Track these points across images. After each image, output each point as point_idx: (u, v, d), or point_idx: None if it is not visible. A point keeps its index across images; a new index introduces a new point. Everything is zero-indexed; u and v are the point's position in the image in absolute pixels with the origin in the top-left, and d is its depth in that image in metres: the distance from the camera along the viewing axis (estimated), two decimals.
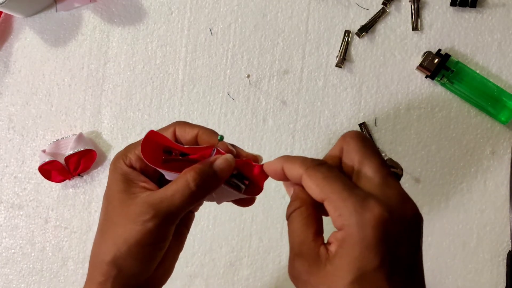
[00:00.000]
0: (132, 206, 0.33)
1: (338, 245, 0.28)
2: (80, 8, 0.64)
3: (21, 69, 0.64)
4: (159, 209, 0.33)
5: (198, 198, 0.34)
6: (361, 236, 0.27)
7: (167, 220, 0.33)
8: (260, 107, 0.61)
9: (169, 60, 0.63)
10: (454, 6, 0.59)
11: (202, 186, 0.33)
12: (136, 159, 0.35)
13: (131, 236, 0.33)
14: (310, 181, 0.30)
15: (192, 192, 0.33)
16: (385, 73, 0.60)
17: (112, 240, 0.34)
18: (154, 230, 0.33)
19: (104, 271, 0.34)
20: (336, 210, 0.28)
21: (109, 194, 0.35)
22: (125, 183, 0.34)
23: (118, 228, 0.34)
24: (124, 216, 0.33)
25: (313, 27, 0.61)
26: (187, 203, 0.33)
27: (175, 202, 0.33)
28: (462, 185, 0.59)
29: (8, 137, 0.64)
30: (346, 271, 0.27)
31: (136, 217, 0.33)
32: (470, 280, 0.58)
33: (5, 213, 0.64)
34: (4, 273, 0.64)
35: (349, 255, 0.27)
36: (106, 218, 0.35)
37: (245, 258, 0.61)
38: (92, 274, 0.35)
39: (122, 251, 0.33)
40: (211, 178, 0.34)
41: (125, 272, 0.34)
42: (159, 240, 0.34)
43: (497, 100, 0.58)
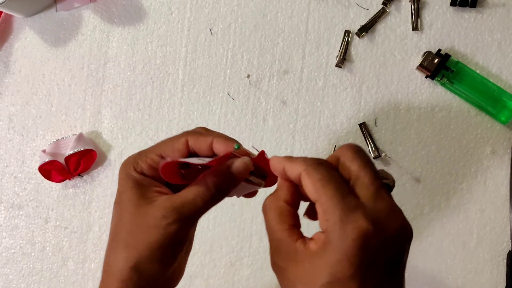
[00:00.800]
0: (151, 211, 0.34)
1: (319, 247, 0.29)
2: (80, 8, 0.64)
3: (21, 69, 0.64)
4: (182, 213, 0.33)
5: (218, 200, 0.35)
6: (340, 245, 0.28)
7: (189, 222, 0.34)
8: (260, 107, 0.61)
9: (169, 60, 0.63)
10: (454, 6, 0.59)
11: (222, 189, 0.34)
12: (147, 167, 0.36)
13: (154, 240, 0.33)
14: (307, 180, 0.31)
15: (213, 195, 0.34)
16: (385, 73, 0.60)
17: (132, 246, 0.34)
18: (176, 233, 0.33)
19: (123, 277, 0.34)
20: (324, 214, 0.29)
21: (122, 201, 0.36)
22: (138, 189, 0.35)
23: (138, 233, 0.34)
24: (143, 221, 0.34)
25: (313, 27, 0.61)
26: (208, 205, 0.34)
27: (197, 206, 0.34)
28: (462, 185, 0.59)
29: (8, 137, 0.64)
30: (322, 273, 0.28)
31: (158, 221, 0.33)
32: (470, 280, 0.58)
33: (5, 213, 0.64)
34: (4, 273, 0.64)
35: (326, 258, 0.28)
36: (120, 225, 0.35)
37: (245, 258, 0.61)
38: (107, 282, 0.35)
39: (145, 255, 0.33)
40: (229, 181, 0.35)
41: (146, 275, 0.34)
42: (180, 243, 0.34)
43: (497, 100, 0.58)
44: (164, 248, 0.33)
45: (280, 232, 0.31)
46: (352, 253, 0.28)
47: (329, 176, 0.30)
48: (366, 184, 0.30)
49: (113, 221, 0.36)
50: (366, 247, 0.28)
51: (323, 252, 0.29)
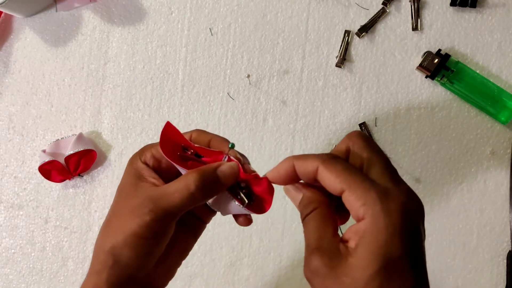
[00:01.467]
0: (134, 198, 0.34)
1: (360, 237, 0.29)
2: (80, 8, 0.64)
3: (21, 69, 0.64)
4: (158, 204, 0.33)
5: (197, 200, 0.34)
6: (387, 223, 0.28)
7: (165, 216, 0.33)
8: (260, 107, 0.61)
9: (169, 60, 0.63)
10: (454, 6, 0.59)
11: (202, 189, 0.34)
12: (150, 156, 0.36)
13: (129, 226, 0.33)
14: (329, 173, 0.30)
15: (191, 193, 0.33)
16: (385, 73, 0.60)
17: (113, 229, 0.35)
18: (151, 224, 0.33)
19: (101, 259, 0.35)
20: (358, 200, 0.29)
21: (120, 187, 0.37)
22: (136, 177, 0.36)
23: (120, 218, 0.35)
24: (127, 207, 0.35)
25: (313, 27, 0.61)
26: (186, 203, 0.34)
27: (174, 201, 0.33)
28: (462, 185, 0.59)
29: (8, 137, 0.64)
30: (371, 260, 0.27)
31: (136, 209, 0.34)
32: (470, 280, 0.58)
33: (5, 213, 0.64)
34: (4, 273, 0.64)
35: (373, 243, 0.28)
36: (112, 209, 0.37)
37: (245, 258, 0.61)
38: (92, 262, 0.36)
39: (119, 240, 0.34)
40: (212, 183, 0.34)
41: (121, 262, 0.34)
42: (155, 235, 0.34)
43: (497, 100, 0.58)
44: (138, 236, 0.33)
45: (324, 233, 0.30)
46: (400, 229, 0.28)
47: (350, 166, 0.30)
48: (382, 169, 0.30)
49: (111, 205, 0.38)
50: (411, 222, 0.28)
51: (366, 239, 0.28)
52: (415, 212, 0.29)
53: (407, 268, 0.28)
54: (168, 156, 0.34)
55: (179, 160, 0.35)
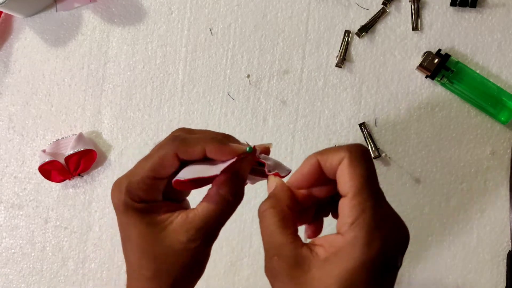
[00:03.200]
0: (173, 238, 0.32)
1: (333, 252, 0.27)
2: (80, 8, 0.64)
3: (21, 69, 0.64)
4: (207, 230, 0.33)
5: (236, 206, 0.34)
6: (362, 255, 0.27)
7: (213, 236, 0.34)
8: (260, 107, 0.61)
9: (169, 60, 0.63)
10: (454, 6, 0.59)
11: (236, 194, 0.34)
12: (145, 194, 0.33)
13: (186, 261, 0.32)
14: (348, 169, 0.28)
15: (230, 203, 0.33)
16: (385, 73, 0.60)
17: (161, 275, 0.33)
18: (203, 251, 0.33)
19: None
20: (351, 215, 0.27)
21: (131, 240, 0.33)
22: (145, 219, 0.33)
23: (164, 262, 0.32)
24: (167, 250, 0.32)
25: (313, 27, 0.61)
26: (228, 214, 0.34)
27: (219, 219, 0.33)
28: (462, 185, 0.59)
29: (8, 137, 0.64)
30: (335, 281, 0.27)
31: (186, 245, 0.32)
32: (470, 280, 0.58)
33: (5, 213, 0.64)
34: (4, 273, 0.64)
35: (341, 266, 0.27)
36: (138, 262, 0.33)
37: (245, 259, 0.61)
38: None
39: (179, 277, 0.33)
40: (241, 185, 0.34)
41: None
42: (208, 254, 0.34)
43: (497, 100, 0.58)
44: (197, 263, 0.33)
45: (283, 237, 0.29)
46: (374, 263, 0.27)
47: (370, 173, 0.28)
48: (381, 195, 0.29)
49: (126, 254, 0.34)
50: (387, 257, 0.27)
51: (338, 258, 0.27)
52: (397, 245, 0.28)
53: None
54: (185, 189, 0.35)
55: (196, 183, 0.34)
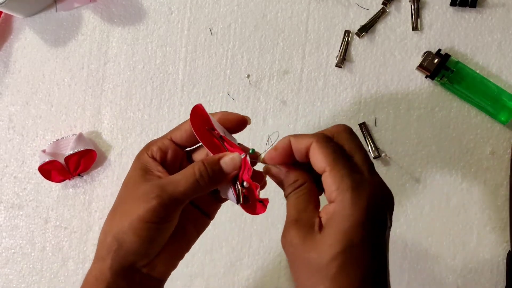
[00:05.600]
0: (141, 188, 0.36)
1: (328, 218, 0.31)
2: (80, 8, 0.64)
3: (21, 69, 0.64)
4: (164, 190, 0.35)
5: (202, 188, 0.36)
6: (352, 211, 0.30)
7: (170, 202, 0.35)
8: (260, 107, 0.61)
9: (169, 60, 0.63)
10: (454, 6, 0.59)
11: (206, 177, 0.36)
12: (157, 150, 0.38)
13: (135, 212, 0.35)
14: (319, 150, 0.33)
15: (196, 180, 0.35)
16: (385, 73, 0.60)
17: (118, 216, 0.36)
18: (156, 208, 0.34)
19: (106, 245, 0.36)
20: (334, 183, 0.32)
21: (126, 180, 0.38)
22: (142, 170, 0.37)
23: (126, 205, 0.36)
24: (133, 195, 0.36)
25: (313, 27, 0.61)
26: (191, 189, 0.35)
27: (180, 187, 0.35)
28: (462, 185, 0.59)
29: (8, 137, 0.64)
30: (334, 242, 0.30)
31: (143, 196, 0.35)
32: (470, 280, 0.58)
33: (5, 213, 0.64)
34: (4, 273, 0.64)
35: (338, 227, 0.31)
36: (119, 199, 0.38)
37: (245, 259, 0.61)
38: (98, 249, 0.37)
39: (125, 225, 0.35)
40: (215, 171, 0.36)
41: (125, 247, 0.35)
42: (160, 220, 0.35)
43: (497, 100, 0.58)
44: (143, 221, 0.34)
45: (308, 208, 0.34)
46: (364, 219, 0.30)
47: (339, 151, 0.33)
48: (363, 160, 0.33)
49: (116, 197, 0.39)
50: (376, 213, 0.31)
51: (333, 221, 0.31)
52: (383, 204, 0.32)
53: (365, 255, 0.31)
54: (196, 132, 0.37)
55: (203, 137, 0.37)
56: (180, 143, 0.39)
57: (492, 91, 0.58)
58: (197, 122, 0.38)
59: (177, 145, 0.39)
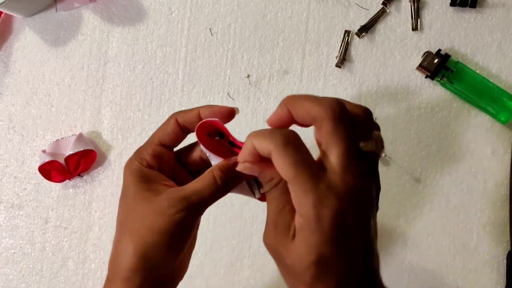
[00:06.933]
0: (157, 201, 0.35)
1: (299, 228, 0.30)
2: (80, 8, 0.64)
3: (21, 69, 0.64)
4: (190, 201, 0.35)
5: (223, 194, 0.36)
6: (317, 228, 0.29)
7: (197, 212, 0.35)
8: (260, 107, 0.61)
9: (169, 60, 0.63)
10: (454, 6, 0.59)
11: (226, 182, 0.36)
12: (151, 158, 0.37)
13: (161, 227, 0.34)
14: (278, 161, 0.31)
15: (218, 187, 0.35)
16: (385, 73, 0.60)
17: (139, 234, 0.35)
18: (183, 221, 0.34)
19: (132, 266, 0.35)
20: (297, 198, 0.30)
21: (127, 196, 0.37)
22: (144, 183, 0.36)
23: (145, 222, 0.35)
24: (150, 210, 0.35)
25: (313, 27, 0.61)
26: (215, 196, 0.36)
27: (205, 196, 0.35)
28: (462, 185, 0.59)
29: (8, 137, 0.64)
30: (306, 253, 0.30)
31: (165, 209, 0.34)
32: (470, 280, 0.58)
33: (5, 213, 0.64)
34: (4, 273, 0.64)
35: (307, 240, 0.29)
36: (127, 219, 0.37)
37: (245, 259, 0.61)
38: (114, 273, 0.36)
39: (152, 242, 0.34)
40: (234, 176, 0.36)
41: (154, 262, 0.35)
42: (186, 231, 0.35)
43: (497, 100, 0.58)
44: (172, 234, 0.34)
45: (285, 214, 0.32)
46: (331, 235, 0.29)
47: (299, 159, 0.30)
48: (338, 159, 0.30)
49: (119, 216, 0.37)
50: (342, 226, 0.29)
51: (303, 234, 0.30)
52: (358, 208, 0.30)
53: (341, 263, 0.29)
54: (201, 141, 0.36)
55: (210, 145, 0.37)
56: (169, 145, 0.39)
57: (492, 91, 0.58)
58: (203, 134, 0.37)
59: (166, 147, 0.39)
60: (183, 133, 0.39)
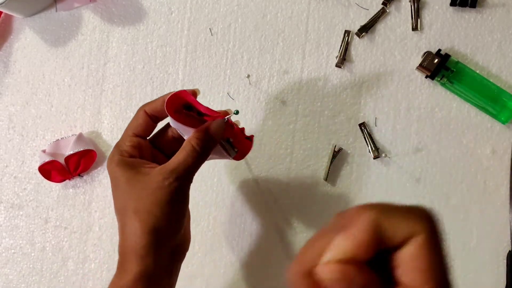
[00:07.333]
0: (151, 179, 0.39)
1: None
2: (80, 8, 0.64)
3: (21, 69, 0.64)
4: (179, 171, 0.39)
5: (203, 158, 0.41)
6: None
7: (186, 179, 0.40)
8: (260, 107, 0.61)
9: (169, 60, 0.63)
10: (454, 6, 0.59)
11: (204, 147, 0.40)
12: (131, 149, 0.42)
13: (162, 198, 0.38)
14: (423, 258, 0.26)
15: (198, 153, 0.40)
16: (385, 73, 0.60)
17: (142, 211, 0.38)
18: (178, 189, 0.38)
19: (143, 243, 0.37)
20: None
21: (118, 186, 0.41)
22: (131, 170, 0.40)
23: (144, 200, 0.38)
24: (146, 188, 0.39)
25: (313, 27, 0.61)
26: (197, 162, 0.40)
27: (189, 164, 0.39)
28: (462, 185, 0.59)
29: (8, 137, 0.64)
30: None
31: (160, 183, 0.38)
32: (470, 280, 0.58)
33: (5, 213, 0.64)
34: (4, 273, 0.64)
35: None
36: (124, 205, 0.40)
37: (245, 258, 0.61)
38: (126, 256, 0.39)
39: (158, 215, 0.38)
40: (209, 141, 0.41)
41: (163, 234, 0.38)
42: (183, 197, 0.40)
43: (497, 100, 0.58)
44: (172, 203, 0.38)
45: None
46: None
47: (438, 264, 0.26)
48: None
49: (116, 206, 0.41)
50: None
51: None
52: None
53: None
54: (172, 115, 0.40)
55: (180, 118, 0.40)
56: (142, 135, 0.43)
57: (492, 91, 0.58)
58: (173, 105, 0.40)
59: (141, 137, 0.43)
60: (153, 121, 0.43)
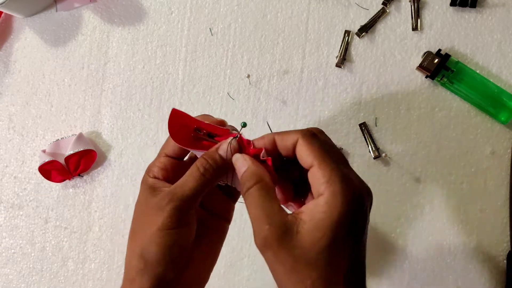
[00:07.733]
0: (153, 202, 0.36)
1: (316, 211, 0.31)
2: (80, 8, 0.64)
3: (21, 69, 0.64)
4: (174, 194, 0.35)
5: (209, 181, 0.36)
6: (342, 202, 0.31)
7: (183, 203, 0.35)
8: (260, 107, 0.61)
9: (169, 60, 0.63)
10: (454, 6, 0.59)
11: (210, 169, 0.36)
12: (158, 170, 0.38)
13: (153, 225, 0.35)
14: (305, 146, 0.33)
15: (202, 174, 0.36)
16: (385, 73, 0.60)
17: (138, 236, 0.36)
18: (171, 214, 0.35)
19: (133, 267, 0.36)
20: (324, 176, 0.32)
21: (137, 205, 0.39)
22: (150, 190, 0.37)
23: (142, 224, 0.37)
24: (148, 213, 0.36)
25: (313, 27, 0.61)
26: (200, 185, 0.36)
27: (188, 186, 0.35)
28: (462, 185, 0.59)
29: (8, 137, 0.64)
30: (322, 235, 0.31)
31: (156, 208, 0.35)
32: (470, 280, 0.58)
33: (5, 213, 0.64)
34: (4, 273, 0.64)
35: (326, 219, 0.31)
36: (134, 223, 0.38)
37: (245, 259, 0.61)
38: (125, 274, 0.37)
39: (146, 240, 0.35)
40: (217, 162, 0.36)
41: (150, 261, 0.35)
42: (178, 225, 0.35)
43: (497, 100, 0.58)
44: (162, 230, 0.35)
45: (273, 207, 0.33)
46: (351, 210, 0.31)
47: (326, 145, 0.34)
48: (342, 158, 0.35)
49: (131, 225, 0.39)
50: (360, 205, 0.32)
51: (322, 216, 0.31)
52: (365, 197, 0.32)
53: (350, 247, 0.31)
54: (181, 143, 0.36)
55: (193, 143, 0.37)
56: (175, 156, 0.39)
57: (492, 91, 0.58)
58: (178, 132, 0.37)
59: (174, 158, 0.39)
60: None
